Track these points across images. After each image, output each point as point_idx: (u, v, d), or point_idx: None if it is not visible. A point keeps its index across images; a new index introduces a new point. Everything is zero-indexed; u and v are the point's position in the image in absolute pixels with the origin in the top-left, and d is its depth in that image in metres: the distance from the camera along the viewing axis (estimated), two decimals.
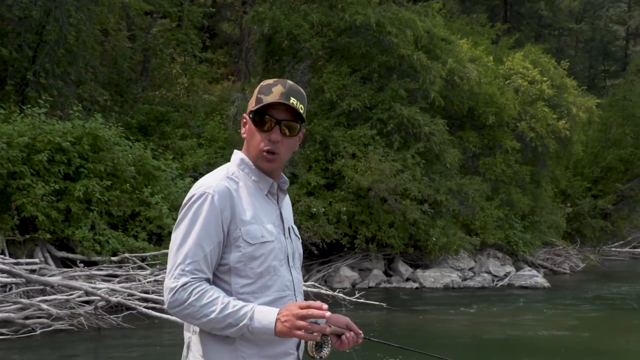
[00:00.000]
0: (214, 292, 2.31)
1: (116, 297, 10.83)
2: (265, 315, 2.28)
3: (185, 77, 20.35)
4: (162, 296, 12.30)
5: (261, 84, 2.49)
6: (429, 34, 20.00)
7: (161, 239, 14.59)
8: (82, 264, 12.74)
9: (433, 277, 18.71)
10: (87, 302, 11.07)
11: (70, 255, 13.35)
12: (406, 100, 18.81)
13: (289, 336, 2.27)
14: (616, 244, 34.14)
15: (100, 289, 10.91)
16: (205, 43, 26.83)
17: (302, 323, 2.24)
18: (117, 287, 11.30)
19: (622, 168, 30.73)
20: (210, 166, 17.38)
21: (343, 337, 2.49)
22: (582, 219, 29.17)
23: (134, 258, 13.31)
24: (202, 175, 11.85)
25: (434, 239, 18.26)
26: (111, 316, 10.79)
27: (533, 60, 23.84)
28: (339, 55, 20.15)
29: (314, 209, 16.70)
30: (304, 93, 2.50)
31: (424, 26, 19.69)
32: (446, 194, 18.58)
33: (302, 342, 2.46)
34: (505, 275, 20.55)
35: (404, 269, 18.93)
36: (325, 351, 2.45)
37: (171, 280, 2.31)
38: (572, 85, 24.79)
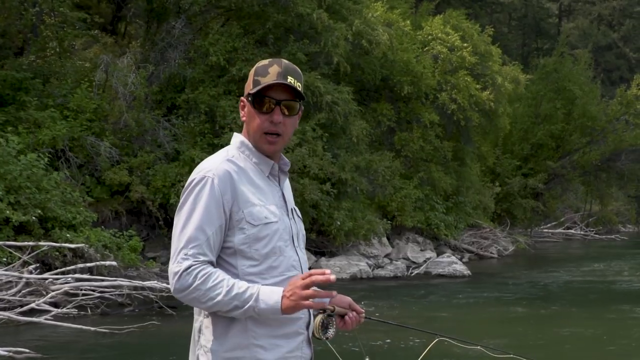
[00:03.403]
0: (219, 275, 2.28)
1: None
2: (270, 295, 2.26)
3: (55, 41, 17.62)
4: None
5: (257, 65, 2.46)
6: None
7: None
8: None
9: (339, 267, 16.49)
10: None
11: None
12: (306, 65, 16.45)
13: (298, 309, 2.26)
14: (548, 225, 33.07)
15: None
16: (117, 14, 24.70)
17: (307, 292, 2.22)
18: None
19: (553, 145, 29.26)
20: (75, 140, 14.82)
21: (346, 317, 2.53)
22: (512, 199, 27.68)
23: None
24: (62, 151, 9.31)
25: (339, 223, 16.06)
26: None
27: (454, 26, 21.71)
28: (235, 16, 17.70)
29: None
30: (300, 71, 2.48)
31: None
32: (352, 172, 16.37)
33: (312, 321, 2.44)
34: (424, 262, 18.56)
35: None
36: (331, 332, 2.45)
37: (175, 265, 2.30)
38: (498, 53, 22.75)
